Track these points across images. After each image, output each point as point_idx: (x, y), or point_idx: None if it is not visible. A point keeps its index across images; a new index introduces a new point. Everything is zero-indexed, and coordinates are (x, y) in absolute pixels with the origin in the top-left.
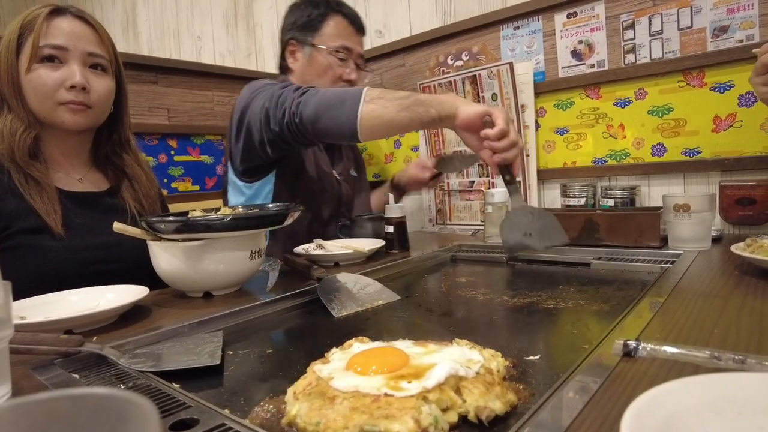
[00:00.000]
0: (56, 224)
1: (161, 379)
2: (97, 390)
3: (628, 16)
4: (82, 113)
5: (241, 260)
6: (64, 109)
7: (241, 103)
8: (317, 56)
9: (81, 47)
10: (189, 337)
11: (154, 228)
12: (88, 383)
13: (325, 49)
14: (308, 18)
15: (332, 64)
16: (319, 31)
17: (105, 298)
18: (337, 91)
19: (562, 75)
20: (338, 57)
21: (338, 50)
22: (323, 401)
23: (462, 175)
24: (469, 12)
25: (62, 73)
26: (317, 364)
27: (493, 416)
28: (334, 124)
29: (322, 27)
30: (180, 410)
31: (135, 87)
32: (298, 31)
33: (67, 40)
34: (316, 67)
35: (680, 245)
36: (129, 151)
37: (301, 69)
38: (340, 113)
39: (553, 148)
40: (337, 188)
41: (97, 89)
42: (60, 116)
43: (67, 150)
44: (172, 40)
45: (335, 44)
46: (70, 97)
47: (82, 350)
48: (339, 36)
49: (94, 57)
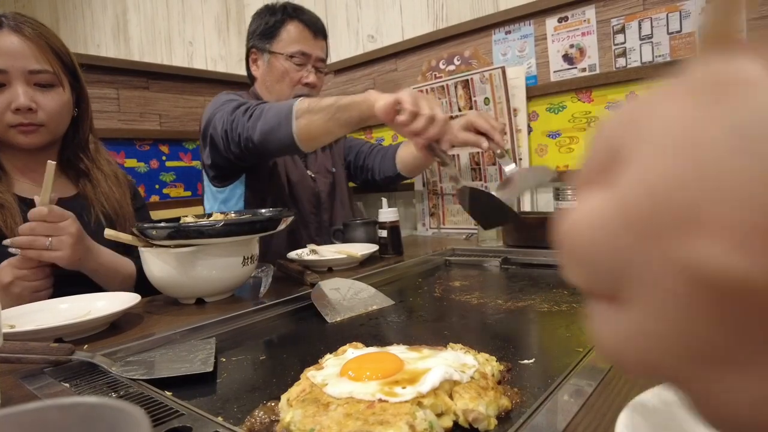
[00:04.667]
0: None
1: (153, 387)
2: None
3: (618, 20)
4: (34, 134)
5: (233, 266)
6: (15, 131)
7: (205, 117)
8: (275, 62)
9: (21, 66)
10: (181, 344)
11: (146, 234)
12: (79, 392)
13: (282, 55)
14: (266, 26)
15: (289, 70)
16: (277, 38)
17: (96, 305)
18: (274, 109)
19: (553, 79)
20: (294, 62)
21: (294, 55)
22: (317, 408)
23: (456, 181)
24: (461, 17)
25: (6, 96)
26: (311, 370)
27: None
28: (280, 145)
29: (280, 33)
30: (173, 418)
31: (126, 93)
32: (258, 39)
33: (6, 60)
34: (275, 74)
35: None
36: (88, 154)
37: (262, 76)
38: (280, 134)
39: (546, 152)
40: (313, 186)
41: (46, 106)
42: (13, 138)
43: (30, 162)
44: (164, 45)
45: (291, 50)
46: (18, 120)
47: (72, 359)
48: (296, 41)
49: (37, 74)
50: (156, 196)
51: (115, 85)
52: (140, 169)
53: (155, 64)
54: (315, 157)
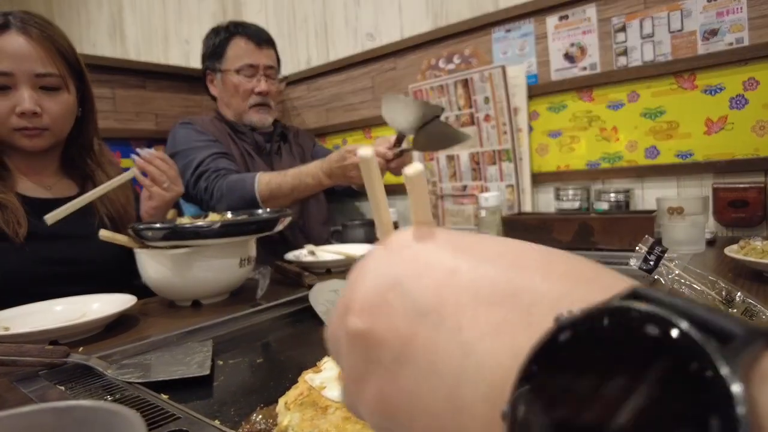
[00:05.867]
0: (17, 236)
1: (149, 390)
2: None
3: (619, 19)
4: (38, 137)
5: (230, 268)
6: (19, 134)
7: (168, 151)
8: (226, 79)
9: (27, 69)
10: (177, 346)
11: (142, 235)
12: (74, 395)
13: (231, 71)
14: (213, 46)
15: (239, 83)
16: (224, 56)
17: (91, 307)
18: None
19: (554, 78)
20: (244, 75)
21: (241, 69)
22: (315, 411)
23: (455, 180)
24: (461, 15)
25: (11, 100)
26: (309, 373)
27: None
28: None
29: (226, 51)
30: (169, 422)
31: (122, 92)
32: (209, 60)
33: (12, 63)
34: (229, 89)
35: (674, 248)
36: (93, 156)
37: (219, 94)
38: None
39: (547, 151)
40: None
41: (51, 110)
42: (17, 141)
43: (34, 162)
44: (160, 44)
45: (238, 64)
46: (22, 124)
47: (67, 361)
48: (242, 56)
49: (43, 78)
50: None
51: (110, 84)
52: None
53: (151, 63)
54: (279, 160)
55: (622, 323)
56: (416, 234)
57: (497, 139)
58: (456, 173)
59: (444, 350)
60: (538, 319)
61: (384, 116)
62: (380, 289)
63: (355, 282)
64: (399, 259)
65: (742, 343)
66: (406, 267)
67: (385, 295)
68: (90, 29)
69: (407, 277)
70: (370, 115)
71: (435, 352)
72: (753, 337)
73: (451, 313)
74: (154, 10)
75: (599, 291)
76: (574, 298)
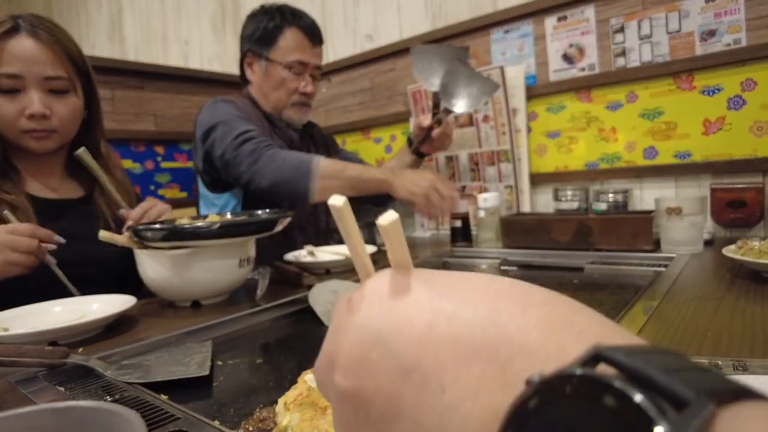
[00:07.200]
0: None
1: (149, 390)
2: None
3: (618, 19)
4: (46, 139)
5: (230, 268)
6: (27, 136)
7: (202, 125)
8: (272, 70)
9: (37, 72)
10: (177, 347)
11: (141, 236)
12: (74, 396)
13: (280, 64)
14: (264, 30)
15: (287, 79)
16: (275, 45)
17: (90, 308)
18: (291, 161)
19: (553, 78)
20: (293, 72)
21: (293, 65)
22: (315, 412)
23: (453, 180)
24: (460, 16)
25: (21, 102)
26: (308, 373)
27: None
28: (291, 195)
29: (278, 40)
30: (168, 422)
31: (121, 93)
32: (255, 43)
33: (22, 66)
34: (272, 81)
35: (673, 248)
36: (100, 158)
37: (258, 82)
38: (296, 187)
39: (545, 152)
40: None
41: (59, 113)
42: (25, 143)
43: (40, 164)
44: (159, 44)
45: (290, 59)
46: (31, 126)
47: (67, 362)
48: (294, 50)
49: (53, 81)
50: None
51: (109, 85)
52: (135, 170)
53: (150, 64)
54: None
55: (582, 393)
56: (394, 281)
57: (496, 139)
58: (455, 174)
59: (430, 411)
60: (512, 380)
61: (415, 72)
62: (363, 346)
63: (338, 332)
64: (379, 312)
65: (696, 409)
66: (386, 321)
67: (368, 353)
68: (89, 30)
69: (389, 333)
70: (368, 116)
71: (421, 412)
72: (704, 401)
73: (432, 371)
74: (153, 10)
75: (574, 340)
76: (548, 350)
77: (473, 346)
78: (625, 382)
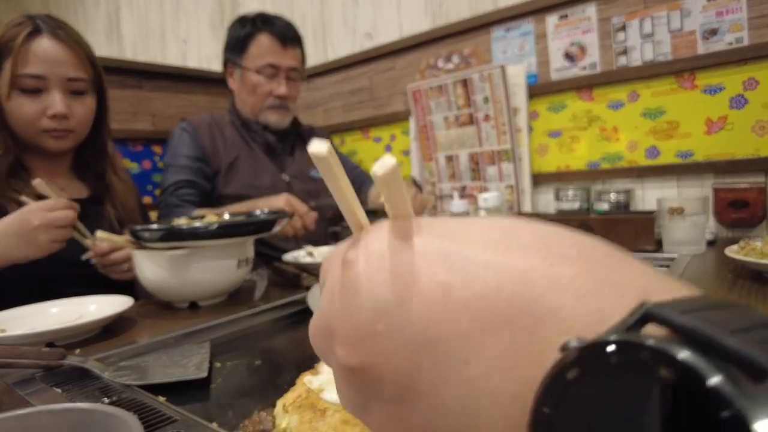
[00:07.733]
0: None
1: (146, 392)
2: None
3: (619, 18)
4: (63, 139)
5: (228, 269)
6: (47, 136)
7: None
8: (246, 77)
9: (60, 73)
10: (175, 348)
11: (139, 236)
12: (71, 398)
13: (251, 70)
14: (236, 39)
15: (259, 83)
16: (246, 52)
17: (88, 309)
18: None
19: (554, 77)
20: (264, 75)
21: (262, 69)
22: (314, 414)
23: (454, 180)
24: (460, 14)
25: (43, 102)
26: (307, 375)
27: None
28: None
29: (249, 47)
30: (166, 424)
31: (118, 92)
32: (230, 52)
33: (46, 67)
34: (247, 87)
35: (675, 248)
36: (107, 159)
37: (237, 90)
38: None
39: (546, 151)
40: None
41: (77, 113)
42: (44, 142)
43: (49, 164)
44: (157, 43)
45: (260, 63)
46: (52, 125)
47: (64, 363)
48: (264, 55)
49: (75, 82)
50: (148, 198)
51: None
52: (132, 170)
53: (147, 63)
54: (291, 160)
55: (632, 364)
56: (396, 234)
57: (496, 139)
58: (455, 173)
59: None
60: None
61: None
62: (366, 319)
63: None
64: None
65: None
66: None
67: (373, 325)
68: (87, 28)
69: (395, 301)
70: (368, 115)
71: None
72: None
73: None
74: (151, 9)
75: (616, 298)
76: (587, 311)
77: (498, 311)
78: (684, 347)
